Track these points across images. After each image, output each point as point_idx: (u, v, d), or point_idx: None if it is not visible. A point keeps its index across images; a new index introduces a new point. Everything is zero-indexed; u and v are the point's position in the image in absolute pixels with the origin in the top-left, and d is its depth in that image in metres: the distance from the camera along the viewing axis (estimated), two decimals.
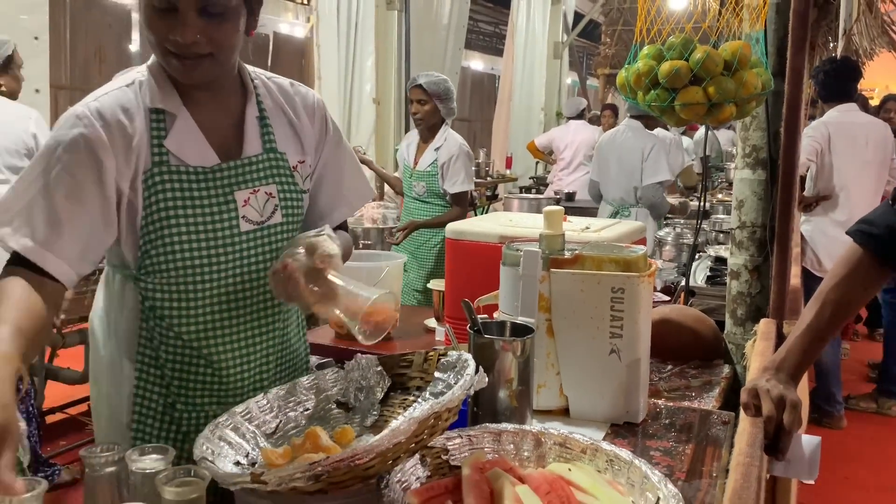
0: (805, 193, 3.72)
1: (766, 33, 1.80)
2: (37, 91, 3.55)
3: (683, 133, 7.47)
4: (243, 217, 1.29)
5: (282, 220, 1.34)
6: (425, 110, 3.49)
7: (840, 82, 3.71)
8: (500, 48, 10.06)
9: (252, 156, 1.32)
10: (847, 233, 1.27)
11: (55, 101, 7.29)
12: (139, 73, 1.30)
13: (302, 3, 10.99)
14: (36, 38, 3.54)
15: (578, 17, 10.75)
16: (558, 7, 9.90)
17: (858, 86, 4.03)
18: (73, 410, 3.74)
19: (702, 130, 6.92)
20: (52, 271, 1.17)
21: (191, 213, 1.25)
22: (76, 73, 7.79)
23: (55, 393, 3.60)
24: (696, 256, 3.13)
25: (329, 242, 1.27)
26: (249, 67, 1.39)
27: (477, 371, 1.10)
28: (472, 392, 1.08)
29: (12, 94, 2.89)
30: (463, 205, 3.59)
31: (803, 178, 3.78)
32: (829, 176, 3.70)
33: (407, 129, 6.80)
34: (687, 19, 1.69)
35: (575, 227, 1.76)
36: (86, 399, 3.87)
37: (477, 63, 16.03)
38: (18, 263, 1.16)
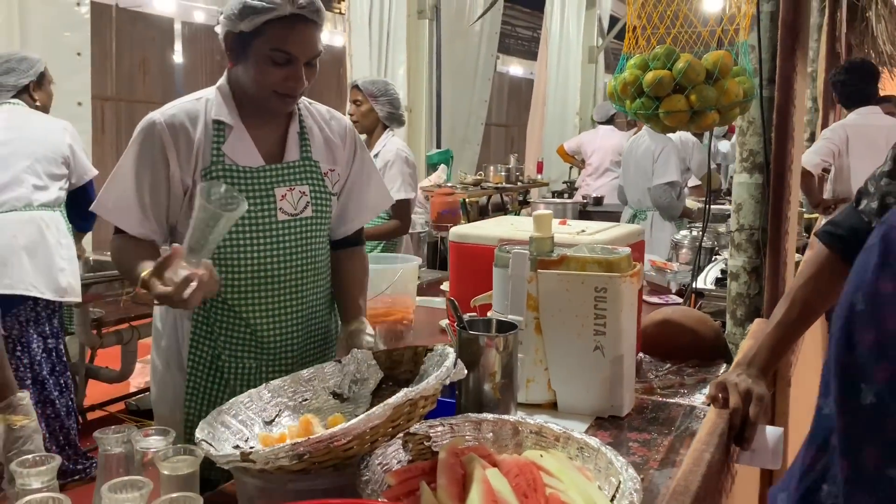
0: (824, 196, 3.72)
1: (759, 41, 1.86)
2: (79, 104, 3.74)
3: (724, 136, 7.43)
4: (280, 209, 1.62)
5: (312, 215, 1.66)
6: (360, 111, 3.37)
7: (858, 86, 3.70)
8: (537, 53, 10.11)
9: (291, 161, 1.66)
10: (814, 233, 1.33)
11: (101, 112, 7.59)
12: (208, 91, 1.66)
13: (340, 13, 11.20)
14: (78, 54, 3.72)
15: (614, 20, 10.74)
16: (593, 12, 9.92)
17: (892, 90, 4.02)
18: (112, 408, 3.92)
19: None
20: (145, 238, 1.60)
21: None
22: (121, 85, 8.07)
23: (95, 392, 3.78)
24: (713, 259, 3.17)
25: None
26: None
27: (456, 363, 1.19)
28: (447, 382, 1.16)
29: (44, 108, 3.07)
30: (403, 216, 3.31)
31: (822, 181, 3.78)
32: (848, 178, 3.69)
33: (438, 138, 6.91)
34: (673, 25, 1.75)
35: (571, 231, 1.84)
36: (123, 398, 4.05)
37: (516, 68, 16.08)
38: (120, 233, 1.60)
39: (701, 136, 5.34)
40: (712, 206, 4.47)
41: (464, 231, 1.93)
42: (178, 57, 8.97)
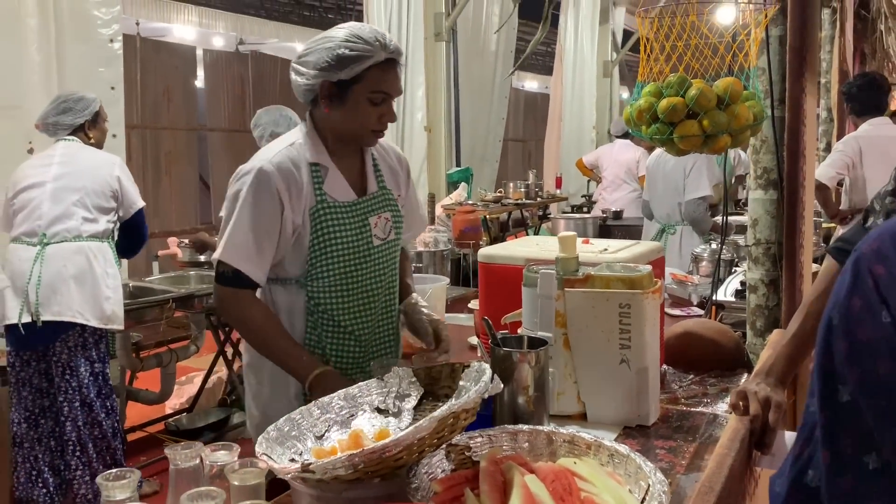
0: (841, 207, 3.78)
1: (769, 63, 1.95)
2: (114, 136, 3.87)
3: None
4: (375, 236, 1.84)
5: (394, 237, 1.90)
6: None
7: (869, 97, 3.78)
8: (552, 67, 10.24)
9: (373, 192, 1.87)
10: (826, 250, 1.42)
11: (128, 139, 7.76)
12: (295, 135, 1.81)
13: None
14: (112, 88, 3.87)
15: (627, 34, 10.84)
16: (606, 27, 10.03)
17: None
18: (151, 429, 4.04)
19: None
20: (258, 280, 1.75)
21: (343, 235, 1.78)
22: (146, 113, 8.29)
23: (130, 413, 3.90)
24: (732, 271, 3.24)
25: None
26: None
27: (493, 378, 1.29)
28: (486, 396, 1.25)
29: (98, 145, 3.23)
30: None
31: (839, 193, 3.85)
32: (863, 189, 3.76)
33: (458, 156, 7.04)
34: (691, 55, 1.84)
35: (594, 249, 1.93)
36: (162, 418, 4.17)
37: (531, 83, 16.23)
38: (234, 276, 1.72)
39: None
40: (732, 218, 4.54)
41: (492, 252, 2.03)
42: (199, 83, 9.18)
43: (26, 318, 2.82)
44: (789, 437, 1.34)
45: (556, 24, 9.41)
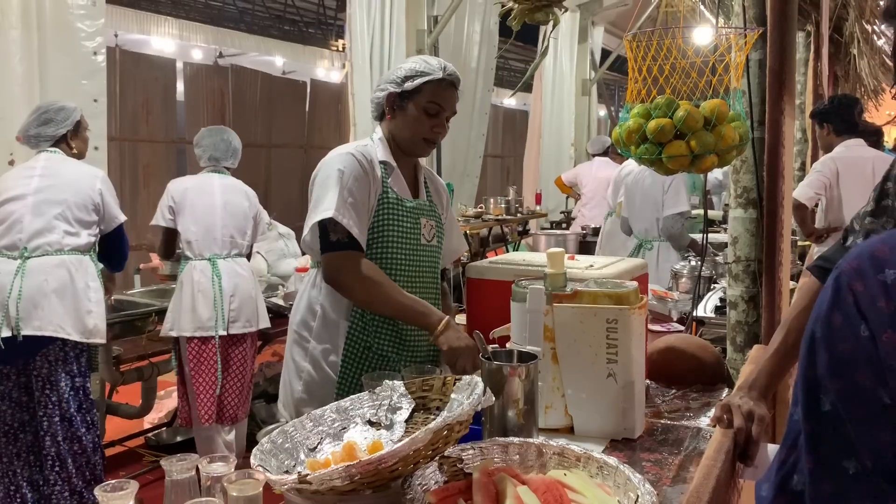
0: (816, 225, 3.87)
1: (749, 86, 2.00)
2: (96, 148, 3.85)
3: None
4: (422, 235, 2.08)
5: (437, 244, 2.14)
6: None
7: (843, 119, 3.89)
8: (532, 84, 10.34)
9: (423, 200, 2.13)
10: (806, 268, 1.46)
11: (106, 152, 7.72)
12: (369, 139, 2.10)
13: (337, 51, 11.44)
14: (95, 101, 3.85)
15: (605, 53, 10.98)
16: (585, 46, 10.15)
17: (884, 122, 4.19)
18: (131, 443, 4.00)
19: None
20: (363, 247, 1.96)
21: (400, 225, 2.03)
22: (124, 125, 8.24)
23: (112, 427, 3.86)
24: (711, 287, 3.30)
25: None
26: None
27: (485, 392, 1.31)
28: (479, 408, 1.28)
29: (81, 154, 3.20)
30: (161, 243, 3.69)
31: (814, 212, 3.93)
32: (839, 208, 3.85)
33: (438, 172, 7.08)
34: (678, 77, 1.89)
35: (580, 265, 1.96)
36: (141, 433, 4.13)
37: (510, 100, 16.37)
38: (349, 241, 1.93)
39: None
40: (709, 236, 4.60)
41: (480, 268, 2.06)
42: (180, 97, 9.16)
43: (6, 333, 2.79)
44: (772, 449, 1.37)
45: (536, 43, 9.52)
